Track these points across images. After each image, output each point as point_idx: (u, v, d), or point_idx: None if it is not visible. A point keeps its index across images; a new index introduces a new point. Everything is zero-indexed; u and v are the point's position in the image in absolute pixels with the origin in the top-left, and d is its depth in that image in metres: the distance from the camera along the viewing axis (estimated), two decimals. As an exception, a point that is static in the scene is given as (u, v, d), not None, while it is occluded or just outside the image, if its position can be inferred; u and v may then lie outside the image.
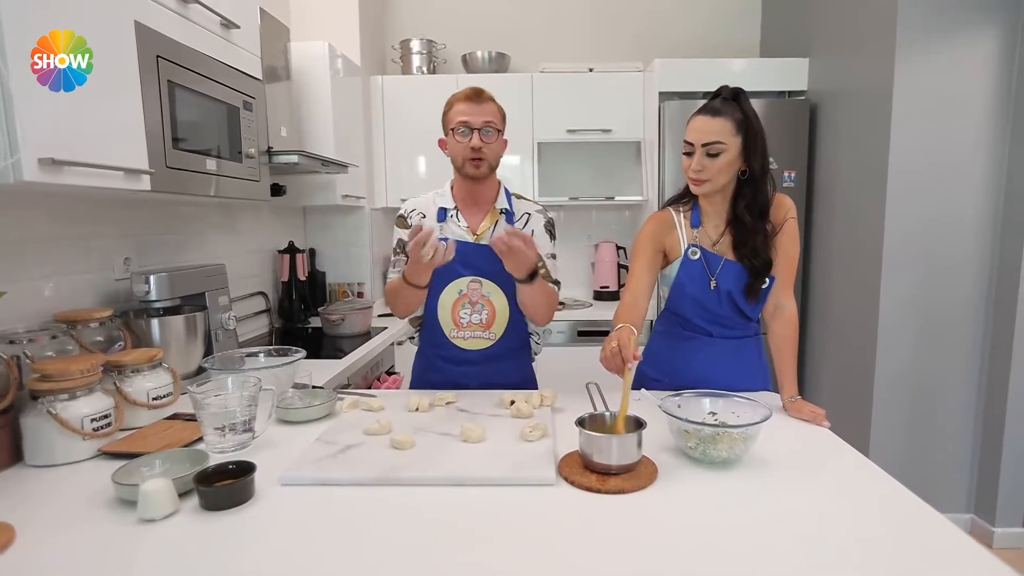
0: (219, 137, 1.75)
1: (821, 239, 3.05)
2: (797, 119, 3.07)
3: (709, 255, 1.52)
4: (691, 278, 1.53)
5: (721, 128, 1.41)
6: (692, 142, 1.44)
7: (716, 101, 1.45)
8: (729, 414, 1.22)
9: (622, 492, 1.04)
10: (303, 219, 3.29)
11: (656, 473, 1.10)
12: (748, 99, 1.46)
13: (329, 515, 0.98)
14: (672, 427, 1.20)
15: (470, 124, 1.54)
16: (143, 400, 1.39)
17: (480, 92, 1.56)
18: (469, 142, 1.54)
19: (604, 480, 1.06)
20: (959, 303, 2.58)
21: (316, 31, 2.94)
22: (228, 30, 1.77)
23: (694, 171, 1.44)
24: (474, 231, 1.63)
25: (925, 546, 0.88)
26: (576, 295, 3.70)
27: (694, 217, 1.56)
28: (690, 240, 1.54)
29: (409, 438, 1.23)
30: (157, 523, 0.95)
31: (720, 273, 1.51)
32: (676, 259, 1.55)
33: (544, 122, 3.35)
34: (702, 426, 1.13)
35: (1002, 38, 2.42)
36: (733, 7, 3.67)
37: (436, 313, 1.64)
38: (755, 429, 1.13)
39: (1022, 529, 2.56)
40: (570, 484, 1.07)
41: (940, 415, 2.64)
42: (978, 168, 2.49)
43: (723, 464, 1.14)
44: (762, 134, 1.45)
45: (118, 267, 1.77)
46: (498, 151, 1.62)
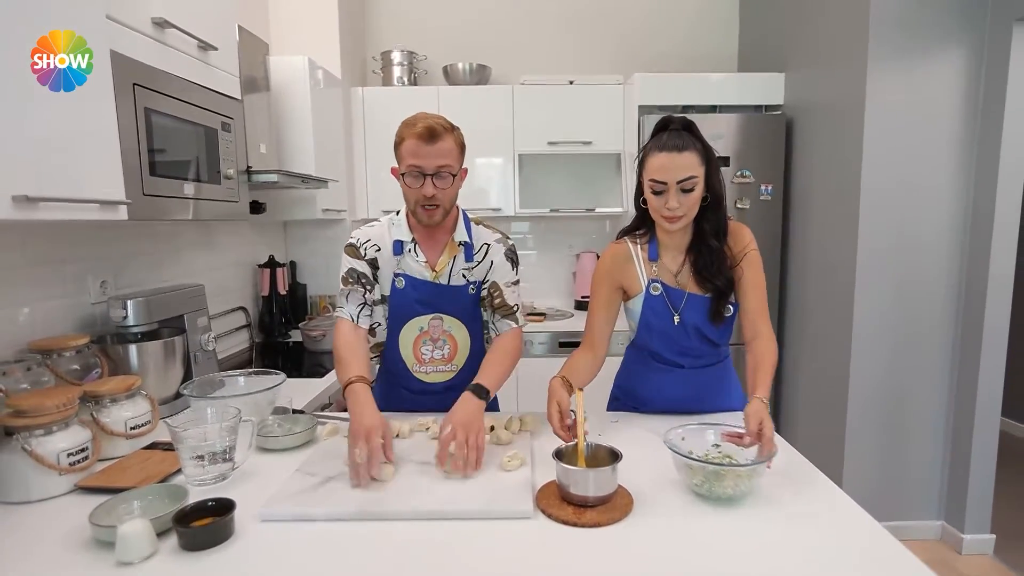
0: (197, 160, 1.74)
1: (797, 251, 3.10)
2: (774, 133, 3.12)
3: (671, 290, 1.50)
4: (655, 314, 1.52)
5: (691, 162, 1.36)
6: (664, 181, 1.37)
7: (673, 136, 1.39)
8: (733, 448, 1.22)
9: (598, 525, 1.06)
10: (283, 232, 3.27)
11: (631, 504, 1.12)
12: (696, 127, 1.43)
13: (309, 551, 0.99)
14: (676, 463, 1.18)
15: (422, 170, 1.41)
16: (121, 430, 1.38)
17: (433, 132, 1.39)
18: (421, 188, 1.43)
19: (580, 513, 1.08)
20: (930, 316, 2.64)
21: (295, 44, 2.93)
22: (205, 52, 1.75)
23: (670, 209, 1.38)
24: (433, 266, 1.56)
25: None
26: (557, 305, 3.72)
27: (651, 250, 1.53)
28: (649, 275, 1.52)
29: (389, 469, 1.24)
30: (136, 566, 0.95)
31: (684, 308, 1.50)
32: (638, 295, 1.53)
33: (525, 134, 3.37)
34: (706, 463, 1.12)
35: (968, 57, 2.48)
36: (712, 22, 3.71)
37: (397, 349, 1.60)
38: (761, 468, 1.12)
39: (989, 535, 2.64)
40: (547, 517, 1.09)
41: (912, 426, 2.70)
42: (946, 183, 2.56)
43: (728, 501, 1.12)
44: (715, 154, 1.44)
45: (94, 291, 1.76)
46: (454, 192, 1.49)
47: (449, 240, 1.57)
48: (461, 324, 1.60)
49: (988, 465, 2.61)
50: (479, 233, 1.61)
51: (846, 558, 0.96)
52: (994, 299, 2.51)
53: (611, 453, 1.18)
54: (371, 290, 1.57)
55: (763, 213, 3.12)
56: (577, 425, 1.22)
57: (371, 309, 1.59)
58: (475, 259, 1.59)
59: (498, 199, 3.39)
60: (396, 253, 1.56)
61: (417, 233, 1.57)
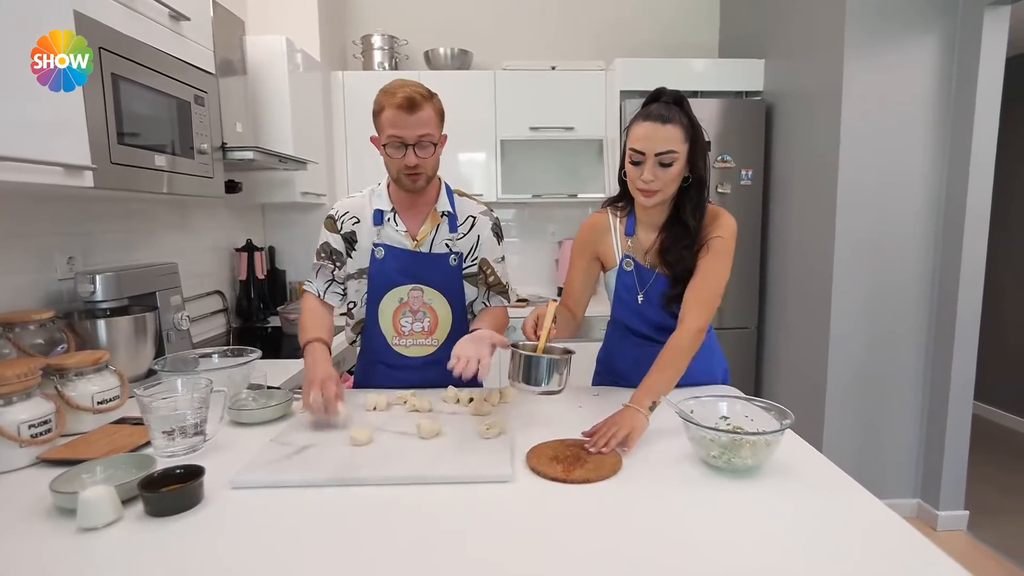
0: (170, 132, 1.70)
1: (777, 235, 3.12)
2: (754, 118, 3.13)
3: (641, 268, 1.49)
4: (627, 289, 1.52)
5: (672, 136, 1.32)
6: (643, 151, 1.33)
7: (660, 106, 1.35)
8: (743, 418, 1.18)
9: (587, 482, 1.05)
10: (262, 216, 3.22)
11: (620, 463, 1.12)
12: (687, 101, 1.39)
13: (281, 518, 0.96)
14: (691, 434, 1.13)
15: (404, 140, 1.40)
16: (87, 404, 1.34)
17: (412, 102, 1.37)
18: (403, 158, 1.42)
19: (569, 470, 1.08)
20: (907, 303, 2.67)
21: (273, 25, 2.88)
22: (178, 22, 1.71)
23: (644, 181, 1.34)
24: (413, 236, 1.54)
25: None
26: (539, 291, 3.70)
27: (629, 224, 1.51)
28: (624, 249, 1.51)
29: (367, 431, 1.21)
30: (99, 532, 0.91)
31: (651, 287, 1.48)
32: (612, 268, 1.53)
33: (507, 119, 3.35)
34: (720, 432, 1.08)
35: (941, 43, 2.51)
36: (693, 9, 3.72)
37: (377, 321, 1.58)
38: (777, 436, 1.07)
39: (963, 512, 2.69)
40: (537, 475, 1.08)
41: (889, 410, 2.74)
42: (921, 170, 2.58)
43: (747, 472, 1.08)
44: (704, 136, 1.40)
45: (61, 266, 1.71)
46: (436, 160, 1.48)
47: (431, 210, 1.56)
48: (442, 298, 1.58)
49: (961, 446, 2.66)
50: (463, 205, 1.60)
51: (830, 518, 0.95)
52: (967, 286, 2.54)
53: (563, 349, 1.28)
54: (340, 267, 1.59)
55: (744, 198, 3.12)
56: (542, 327, 1.30)
57: (340, 287, 1.61)
58: (460, 231, 1.58)
59: (480, 185, 3.36)
60: (376, 223, 1.54)
61: (398, 203, 1.55)
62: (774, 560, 0.83)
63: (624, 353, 1.61)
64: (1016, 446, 3.70)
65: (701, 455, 1.13)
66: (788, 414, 1.12)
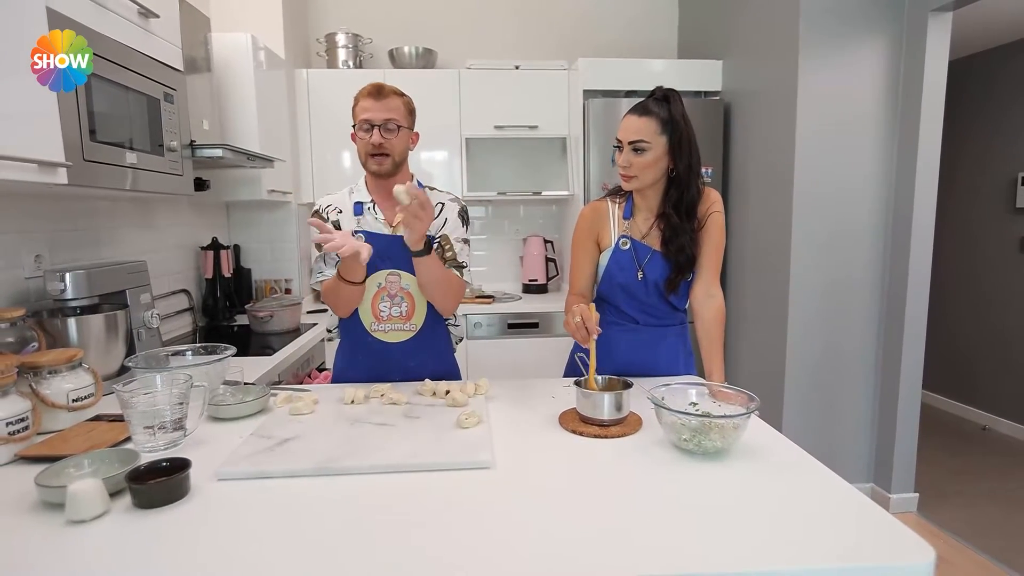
0: (139, 129, 1.69)
1: (736, 232, 3.23)
2: (713, 118, 3.24)
3: (639, 245, 1.61)
4: (620, 267, 1.62)
5: (646, 127, 1.50)
6: (620, 139, 1.53)
7: (646, 101, 1.54)
8: (711, 404, 1.27)
9: (624, 435, 1.25)
10: (226, 215, 3.19)
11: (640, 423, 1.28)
12: (679, 102, 1.53)
13: (267, 508, 0.98)
14: (663, 419, 1.19)
15: (371, 120, 1.54)
16: (62, 402, 1.33)
17: (381, 88, 1.56)
18: (371, 138, 1.54)
19: (606, 428, 1.26)
20: (859, 298, 2.81)
21: (238, 22, 2.86)
22: (147, 19, 1.71)
23: (621, 166, 1.54)
24: (391, 223, 1.62)
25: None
26: (505, 288, 3.76)
27: (627, 209, 1.64)
28: (621, 231, 1.63)
29: (311, 397, 1.38)
30: (87, 524, 0.93)
31: (648, 264, 1.60)
32: (607, 248, 1.64)
33: (472, 118, 3.39)
34: (694, 416, 1.15)
35: (890, 46, 2.65)
36: (653, 10, 3.82)
37: (356, 309, 1.65)
38: (744, 420, 1.14)
39: (913, 494, 2.85)
40: (576, 435, 1.26)
41: (843, 399, 2.88)
42: (872, 170, 2.72)
43: (716, 454, 1.15)
44: (689, 136, 1.53)
45: (28, 264, 1.69)
46: (402, 146, 1.60)
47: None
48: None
49: (912, 432, 2.81)
50: (433, 196, 1.68)
51: (798, 495, 1.03)
52: (915, 281, 2.69)
53: (623, 383, 1.36)
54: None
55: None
56: (591, 358, 1.38)
57: None
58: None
59: (445, 182, 3.39)
60: (356, 214, 1.64)
61: (375, 195, 1.65)
62: (747, 533, 0.89)
63: (609, 337, 1.65)
64: (962, 432, 3.91)
65: (672, 439, 1.19)
66: (754, 398, 1.20)
